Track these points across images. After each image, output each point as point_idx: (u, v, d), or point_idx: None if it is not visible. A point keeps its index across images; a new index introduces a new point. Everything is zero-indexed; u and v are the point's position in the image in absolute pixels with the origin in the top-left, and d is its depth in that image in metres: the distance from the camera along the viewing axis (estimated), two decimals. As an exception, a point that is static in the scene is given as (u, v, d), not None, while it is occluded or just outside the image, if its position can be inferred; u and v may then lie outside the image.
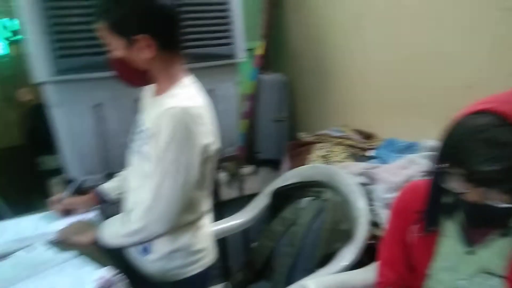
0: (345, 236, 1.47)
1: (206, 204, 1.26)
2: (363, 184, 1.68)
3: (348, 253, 1.42)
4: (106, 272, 0.99)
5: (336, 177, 1.70)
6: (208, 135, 1.12)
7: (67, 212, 1.37)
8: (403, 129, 1.97)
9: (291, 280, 1.39)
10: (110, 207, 1.42)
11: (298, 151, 2.31)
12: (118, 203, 1.39)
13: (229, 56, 1.93)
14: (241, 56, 1.98)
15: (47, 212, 1.37)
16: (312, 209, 1.59)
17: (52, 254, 1.13)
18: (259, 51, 2.57)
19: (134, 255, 1.26)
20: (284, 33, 2.73)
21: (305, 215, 1.60)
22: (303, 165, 2.13)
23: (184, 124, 1.04)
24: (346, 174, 1.70)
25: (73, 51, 1.55)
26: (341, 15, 2.25)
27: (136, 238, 1.11)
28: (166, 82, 1.14)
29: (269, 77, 2.62)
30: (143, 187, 1.12)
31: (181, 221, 1.14)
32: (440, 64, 1.75)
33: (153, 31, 1.05)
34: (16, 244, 1.17)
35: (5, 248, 1.16)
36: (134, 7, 1.03)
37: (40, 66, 1.53)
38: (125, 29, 1.04)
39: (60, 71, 1.54)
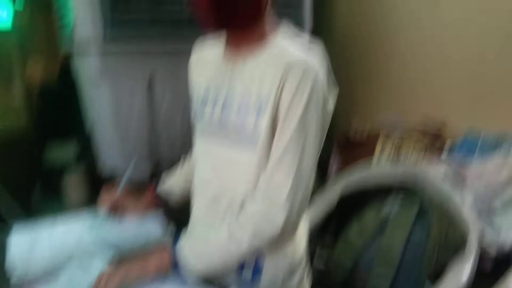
0: (454, 249, 1.23)
1: None
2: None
3: (463, 269, 1.17)
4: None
5: (423, 180, 1.46)
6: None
7: (117, 213, 1.02)
8: (486, 119, 1.71)
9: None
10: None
11: (352, 147, 2.05)
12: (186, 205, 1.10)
13: (297, 22, 1.65)
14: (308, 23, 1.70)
15: (93, 213, 1.01)
16: (406, 218, 1.34)
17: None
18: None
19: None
20: (329, 4, 2.45)
21: (398, 225, 1.34)
22: (359, 164, 1.89)
23: (321, 83, 0.78)
24: (436, 176, 1.46)
25: (129, 16, 1.23)
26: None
27: (264, 242, 0.78)
28: (262, 32, 0.84)
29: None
30: (240, 178, 0.84)
31: None
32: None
33: None
34: (61, 258, 0.86)
35: (51, 263, 0.85)
36: None
37: (86, 31, 1.22)
38: None
39: (111, 38, 1.23)
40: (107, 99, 1.27)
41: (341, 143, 2.07)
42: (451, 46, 1.84)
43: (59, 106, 2.18)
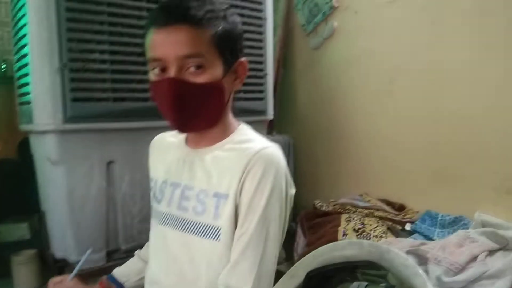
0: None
1: None
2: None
3: None
4: None
5: (388, 256, 1.45)
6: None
7: None
8: (442, 201, 1.79)
9: None
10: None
11: (316, 223, 2.05)
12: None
13: (261, 112, 1.71)
14: (271, 113, 1.77)
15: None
16: (373, 297, 1.31)
17: None
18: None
19: None
20: (292, 94, 2.59)
21: (364, 305, 1.30)
22: (324, 239, 1.88)
23: (283, 170, 0.79)
24: (400, 253, 1.46)
25: (90, 94, 1.24)
26: (366, 78, 2.14)
27: None
28: (225, 127, 0.86)
29: (274, 138, 2.43)
30: (200, 270, 0.81)
31: None
32: (497, 130, 1.60)
33: (243, 54, 0.82)
34: None
35: None
36: (237, 22, 0.80)
37: (45, 111, 1.21)
38: (232, 45, 0.78)
39: (72, 119, 1.21)
40: (63, 180, 1.23)
41: (305, 220, 2.08)
42: (406, 131, 1.95)
43: (14, 184, 2.11)
